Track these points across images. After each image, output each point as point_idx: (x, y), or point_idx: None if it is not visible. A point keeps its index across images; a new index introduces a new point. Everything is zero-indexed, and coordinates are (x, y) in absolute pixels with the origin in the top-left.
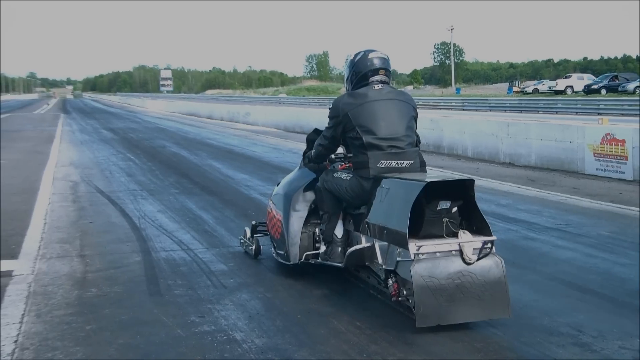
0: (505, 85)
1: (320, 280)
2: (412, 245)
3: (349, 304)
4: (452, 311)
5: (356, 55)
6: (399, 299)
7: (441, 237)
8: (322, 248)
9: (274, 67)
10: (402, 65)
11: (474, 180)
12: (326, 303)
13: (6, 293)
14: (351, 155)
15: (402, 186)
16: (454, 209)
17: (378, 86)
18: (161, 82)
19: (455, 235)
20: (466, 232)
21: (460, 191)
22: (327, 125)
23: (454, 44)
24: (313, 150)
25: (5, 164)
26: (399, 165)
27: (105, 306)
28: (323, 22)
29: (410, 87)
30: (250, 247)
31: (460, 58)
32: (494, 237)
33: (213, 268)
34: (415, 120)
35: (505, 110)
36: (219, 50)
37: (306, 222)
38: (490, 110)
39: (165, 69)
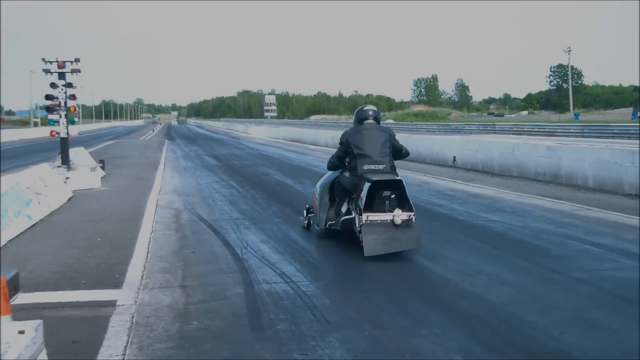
0: (629, 110)
1: (427, 318)
2: (364, 216)
3: (457, 341)
4: (384, 249)
5: (359, 109)
6: (361, 243)
7: (384, 212)
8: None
9: (381, 92)
10: (515, 89)
11: (402, 180)
12: (435, 341)
13: (110, 323)
14: (350, 162)
15: (364, 182)
16: (392, 196)
17: (366, 124)
18: (265, 107)
19: (392, 211)
20: (399, 209)
21: (398, 186)
22: (338, 147)
23: (572, 67)
24: (328, 163)
25: (112, 190)
26: (376, 168)
27: (206, 340)
28: (432, 46)
29: (524, 113)
30: (304, 222)
31: (579, 81)
32: (413, 212)
33: (317, 302)
34: (391, 140)
35: (629, 137)
36: (324, 74)
37: (330, 205)
38: (613, 137)
39: (269, 94)
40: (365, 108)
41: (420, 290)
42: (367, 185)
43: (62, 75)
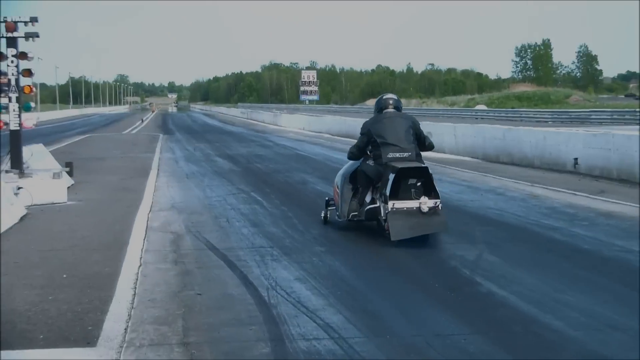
0: None
1: None
2: (390, 204)
3: None
4: (411, 233)
5: (378, 98)
6: (387, 232)
7: (410, 199)
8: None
9: (468, 65)
10: None
11: (427, 167)
12: None
13: None
14: (373, 151)
15: (389, 170)
16: (419, 184)
17: (387, 112)
18: (302, 88)
19: (418, 198)
20: (425, 197)
21: (424, 174)
22: (359, 137)
23: None
24: (348, 153)
25: (83, 206)
26: (402, 155)
27: None
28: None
29: None
30: (322, 215)
31: None
32: (439, 200)
33: None
34: (414, 127)
35: None
36: (386, 41)
37: (352, 196)
38: None
39: (307, 68)
40: (385, 97)
41: None
42: (393, 174)
43: (12, 42)
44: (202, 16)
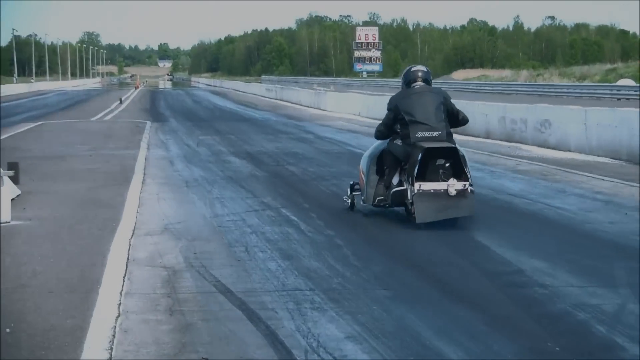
0: None
1: None
2: (417, 185)
3: None
4: (437, 216)
5: (406, 70)
6: (413, 215)
7: (438, 181)
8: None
9: (607, 19)
10: None
11: (455, 147)
12: None
13: None
14: (401, 130)
15: (417, 150)
16: (447, 164)
17: (416, 87)
18: (357, 54)
19: (446, 180)
20: (453, 179)
21: (453, 154)
22: (386, 113)
23: None
24: (375, 132)
25: (33, 228)
26: (431, 135)
27: None
28: None
29: None
30: (347, 201)
31: None
32: (469, 182)
33: None
34: (446, 103)
35: None
36: None
37: (379, 180)
38: None
39: (365, 24)
40: (413, 69)
41: None
42: (420, 154)
43: None
44: None
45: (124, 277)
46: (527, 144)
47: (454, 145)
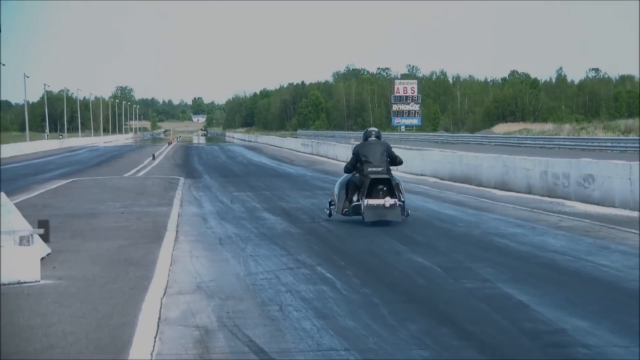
0: None
1: None
2: (366, 201)
3: None
4: (377, 217)
5: (365, 130)
6: (363, 219)
7: (379, 198)
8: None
9: None
10: None
11: (389, 178)
12: None
13: None
14: (359, 166)
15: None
16: (385, 188)
17: (370, 140)
18: (395, 107)
19: (384, 198)
20: (388, 197)
21: (388, 182)
22: (351, 157)
23: None
24: (345, 168)
25: (63, 288)
26: (376, 170)
27: None
28: None
29: None
30: (327, 212)
31: None
32: (397, 200)
33: None
34: (388, 151)
35: None
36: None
37: (345, 198)
38: None
39: (404, 77)
40: (369, 129)
41: None
42: (368, 182)
43: None
44: (242, 4)
45: (155, 338)
46: (570, 199)
47: (388, 177)
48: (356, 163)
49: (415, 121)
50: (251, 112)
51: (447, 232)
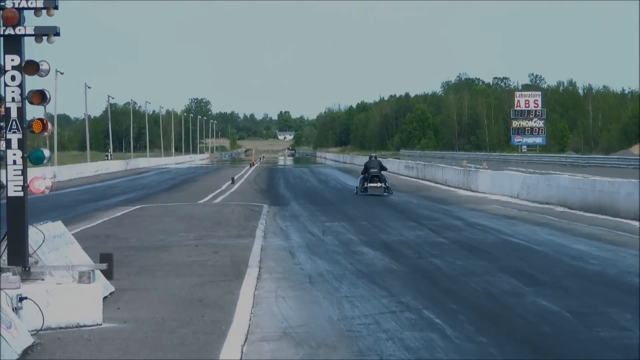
0: None
1: None
2: (367, 184)
3: None
4: (374, 192)
5: (369, 157)
6: (368, 193)
7: (375, 183)
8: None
9: None
10: None
11: (379, 174)
12: None
13: None
14: (367, 171)
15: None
16: (377, 178)
17: (372, 158)
18: (515, 124)
19: (376, 183)
20: (379, 182)
21: (379, 175)
22: (363, 168)
23: None
24: (361, 172)
25: (128, 333)
26: (374, 171)
27: None
28: None
29: None
30: (355, 192)
31: None
32: (383, 184)
33: None
34: (380, 163)
35: None
36: None
37: (362, 184)
38: None
39: (525, 87)
40: (371, 156)
41: None
42: (370, 176)
43: (13, 43)
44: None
45: None
46: None
47: (379, 173)
48: (367, 171)
49: (538, 140)
50: (346, 129)
51: (578, 270)
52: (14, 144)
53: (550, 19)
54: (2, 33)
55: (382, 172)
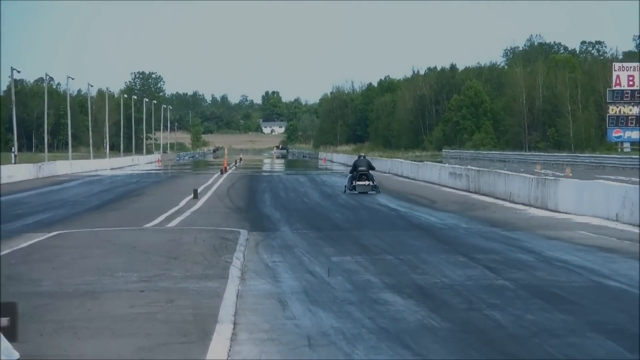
0: None
1: None
2: (355, 182)
3: None
4: (362, 190)
5: (357, 157)
6: (356, 191)
7: (362, 181)
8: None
9: None
10: None
11: (367, 172)
12: None
13: None
14: (356, 169)
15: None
16: (365, 176)
17: (360, 157)
18: (612, 110)
19: (364, 181)
20: (367, 181)
21: (366, 174)
22: (352, 166)
23: None
24: (349, 172)
25: None
26: (362, 169)
27: None
28: None
29: None
30: (344, 191)
31: None
32: (371, 182)
33: None
34: (369, 162)
35: None
36: None
37: (350, 183)
38: None
39: (625, 57)
40: (360, 155)
41: None
42: (358, 174)
43: None
44: None
45: None
46: None
47: (367, 172)
48: (355, 169)
49: None
50: (363, 118)
51: None
52: None
53: None
54: None
55: (370, 171)
